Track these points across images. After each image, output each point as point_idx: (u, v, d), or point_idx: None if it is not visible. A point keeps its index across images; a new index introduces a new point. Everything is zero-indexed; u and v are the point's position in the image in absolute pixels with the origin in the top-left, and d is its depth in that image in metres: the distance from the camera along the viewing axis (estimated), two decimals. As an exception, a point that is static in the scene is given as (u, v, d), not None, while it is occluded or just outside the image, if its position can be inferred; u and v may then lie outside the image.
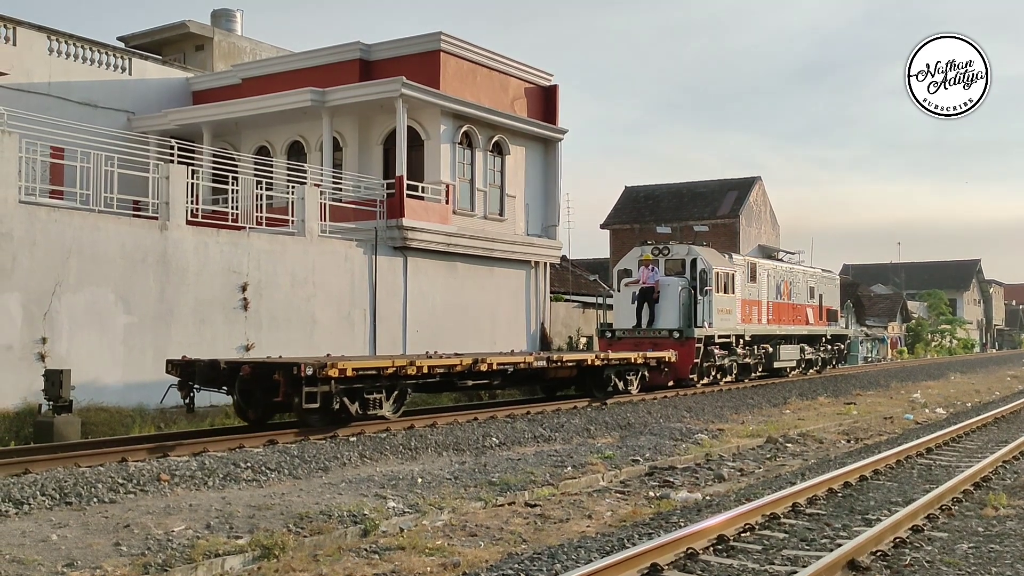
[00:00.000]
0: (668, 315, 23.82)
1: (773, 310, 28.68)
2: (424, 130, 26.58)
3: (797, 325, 30.63)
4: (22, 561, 6.81)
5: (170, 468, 10.72)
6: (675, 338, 23.11)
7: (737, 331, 25.77)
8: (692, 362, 23.15)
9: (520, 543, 8.17)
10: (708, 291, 24.20)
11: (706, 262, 24.53)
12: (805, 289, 31.86)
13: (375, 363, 14.55)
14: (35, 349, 16.34)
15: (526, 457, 12.84)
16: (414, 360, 15.03)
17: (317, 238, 22.24)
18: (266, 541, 7.55)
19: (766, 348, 27.91)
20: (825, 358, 33.71)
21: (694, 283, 24.27)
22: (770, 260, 30.82)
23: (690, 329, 23.47)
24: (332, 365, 13.33)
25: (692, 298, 24.07)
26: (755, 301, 27.41)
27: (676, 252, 25.12)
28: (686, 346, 23.09)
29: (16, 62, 25.58)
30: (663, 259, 24.99)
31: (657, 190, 55.43)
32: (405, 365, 14.68)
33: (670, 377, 22.59)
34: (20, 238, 16.38)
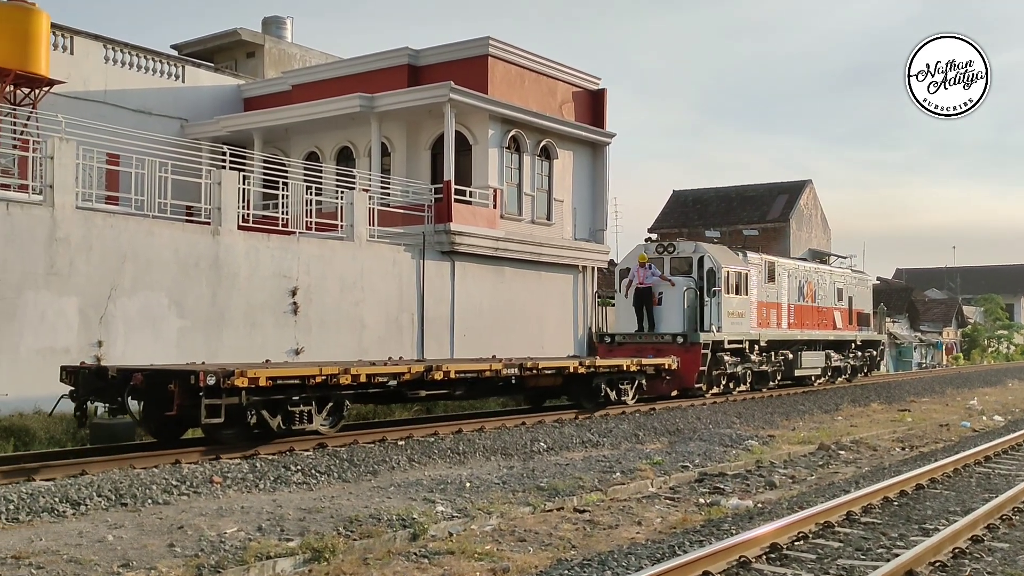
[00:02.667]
0: (671, 318, 22.04)
1: (794, 313, 26.63)
2: (472, 135, 26.65)
3: (823, 329, 28.50)
4: (79, 561, 6.92)
5: (222, 471, 10.85)
6: (679, 343, 21.25)
7: (751, 336, 23.73)
8: (698, 369, 21.33)
9: (569, 549, 8.14)
10: (717, 292, 22.32)
11: (714, 260, 22.60)
12: (832, 291, 29.65)
13: (297, 371, 12.92)
14: (92, 352, 16.63)
15: (574, 462, 12.79)
16: (349, 367, 13.36)
17: (366, 243, 22.39)
18: (317, 544, 7.60)
19: (785, 354, 25.85)
20: (855, 365, 31.43)
21: (701, 283, 22.43)
22: (791, 259, 28.57)
23: (695, 333, 21.61)
24: (240, 373, 11.73)
25: (699, 300, 22.28)
26: (773, 303, 25.45)
27: (682, 250, 23.20)
28: (691, 352, 21.24)
29: (74, 71, 26.13)
30: (668, 257, 23.09)
31: (705, 194, 55.02)
32: (337, 373, 13.04)
33: (674, 386, 21.06)
34: (77, 243, 16.70)
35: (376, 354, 20.20)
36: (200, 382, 11.42)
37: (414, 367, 14.39)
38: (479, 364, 15.87)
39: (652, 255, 22.87)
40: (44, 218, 16.33)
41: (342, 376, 13.05)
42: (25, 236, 16.01)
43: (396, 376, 14.03)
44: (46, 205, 16.48)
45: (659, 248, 23.34)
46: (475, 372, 15.37)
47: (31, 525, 8.31)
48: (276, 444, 12.91)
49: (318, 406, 13.10)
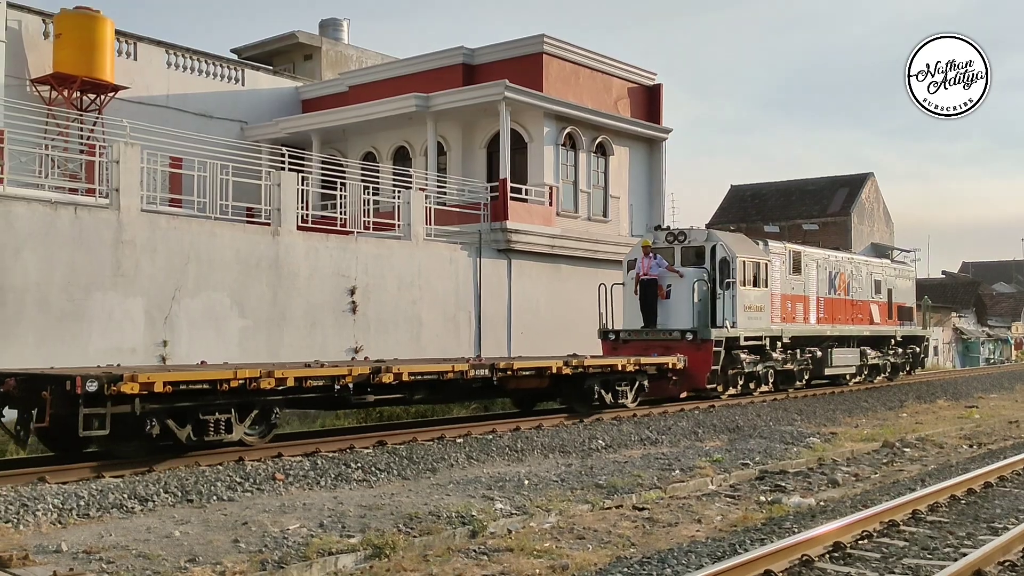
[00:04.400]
0: (680, 313, 20.00)
1: (824, 307, 24.53)
2: (527, 132, 26.67)
3: (857, 324, 26.25)
4: (147, 556, 7.08)
5: (284, 468, 11.01)
6: (688, 340, 19.35)
7: (771, 331, 21.63)
8: (709, 369, 19.44)
9: (629, 547, 8.10)
10: (731, 283, 20.24)
11: (728, 249, 20.50)
12: (868, 283, 27.33)
13: (205, 375, 11.27)
14: (157, 352, 17.00)
15: (633, 460, 12.73)
16: (273, 370, 11.74)
17: (423, 242, 22.54)
18: (377, 540, 7.67)
19: (813, 352, 23.74)
20: (895, 363, 29.04)
21: (714, 274, 20.38)
22: (820, 249, 26.21)
23: (706, 329, 19.63)
24: (131, 378, 10.28)
25: (711, 292, 20.25)
26: (799, 296, 23.37)
27: (694, 238, 21.15)
28: (702, 350, 19.36)
29: (137, 76, 26.72)
30: (678, 247, 21.03)
31: (764, 188, 54.39)
32: (258, 376, 11.44)
33: (683, 387, 19.47)
34: (142, 245, 17.08)
35: (434, 352, 20.34)
36: (77, 389, 10.01)
37: (356, 369, 12.85)
38: (439, 365, 14.29)
39: (661, 245, 21.07)
40: (111, 221, 16.73)
41: (264, 380, 11.49)
42: (93, 239, 16.42)
43: (334, 379, 12.46)
44: (112, 208, 16.88)
45: (668, 237, 21.37)
46: (435, 374, 13.84)
47: (101, 521, 8.52)
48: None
49: (240, 414, 11.62)
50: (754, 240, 22.55)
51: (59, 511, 8.63)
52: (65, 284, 15.98)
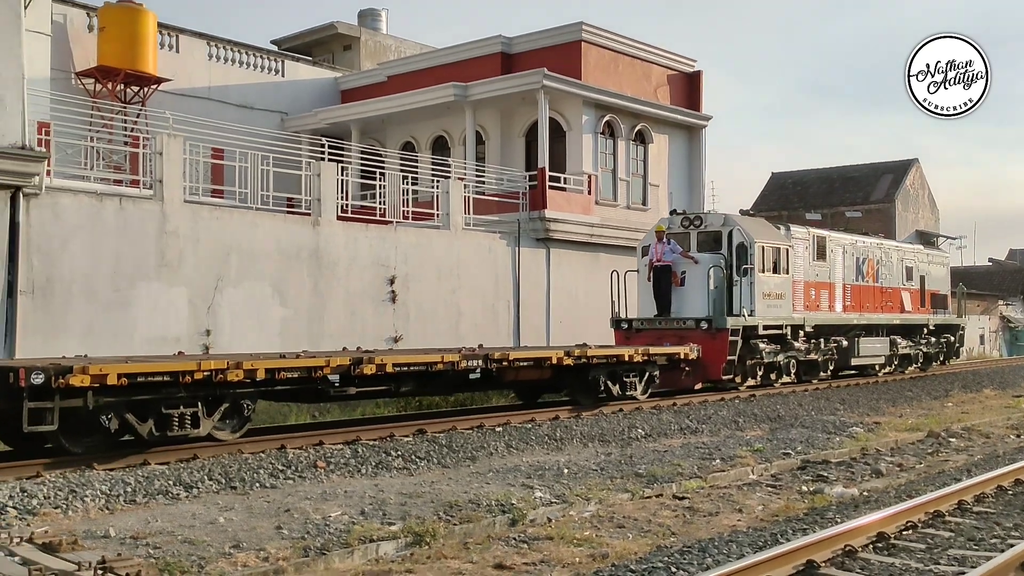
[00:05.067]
0: (694, 301, 19.33)
1: (851, 294, 23.57)
2: (566, 121, 26.60)
3: (886, 312, 25.29)
4: (193, 542, 7.19)
5: (326, 456, 11.11)
6: (702, 329, 18.64)
7: (793, 320, 20.77)
8: (725, 359, 18.74)
9: (669, 536, 8.09)
10: (748, 270, 19.44)
11: (746, 234, 19.67)
12: (899, 270, 26.34)
13: (165, 366, 10.60)
14: (200, 341, 17.23)
15: (673, 449, 12.69)
16: (241, 361, 11.11)
17: (461, 231, 22.60)
18: (418, 528, 7.72)
19: (839, 341, 22.83)
20: (928, 353, 27.83)
21: (732, 260, 19.64)
22: (847, 234, 25.18)
23: (722, 318, 18.84)
24: (81, 370, 9.65)
25: (728, 279, 19.47)
26: (824, 283, 22.46)
27: (710, 222, 20.34)
28: (717, 339, 18.65)
29: (179, 68, 27.02)
30: (694, 232, 20.26)
31: (806, 176, 53.78)
32: (225, 368, 10.82)
33: (697, 378, 18.72)
34: (185, 236, 17.30)
35: (473, 341, 20.36)
36: (21, 382, 9.40)
37: (335, 359, 12.13)
38: (427, 356, 13.60)
39: (677, 230, 20.37)
40: (154, 212, 16.96)
41: (231, 372, 10.87)
42: (137, 229, 16.67)
43: (310, 371, 11.82)
44: (156, 199, 17.11)
45: (684, 221, 20.53)
46: (423, 365, 13.16)
47: (147, 507, 8.67)
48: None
49: (208, 408, 11.04)
50: (775, 225, 21.79)
51: (107, 497, 8.79)
52: (111, 274, 16.25)
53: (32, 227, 15.35)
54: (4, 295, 14.98)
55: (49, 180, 16.00)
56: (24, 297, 15.16)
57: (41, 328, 15.32)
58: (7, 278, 15.02)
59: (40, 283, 15.40)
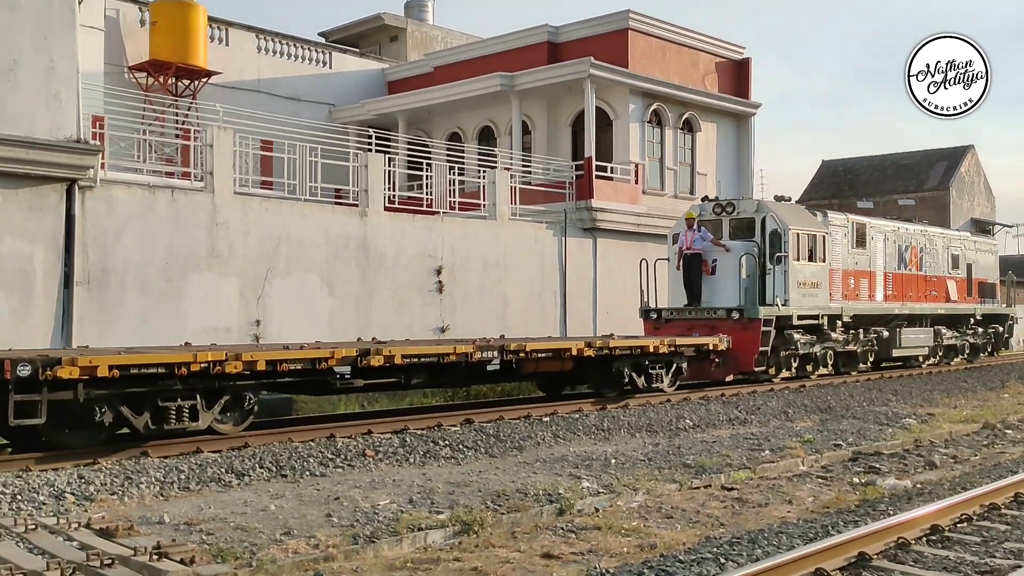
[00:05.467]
0: (726, 290, 18.78)
1: (892, 283, 22.86)
2: (613, 110, 26.47)
3: (930, 302, 24.51)
4: (245, 528, 7.30)
5: (374, 444, 11.20)
6: (734, 319, 18.15)
7: (830, 310, 20.20)
8: (757, 350, 18.22)
9: (718, 526, 8.04)
10: (782, 258, 18.87)
11: (779, 221, 19.09)
12: (945, 258, 25.55)
13: (157, 358, 10.24)
14: (250, 331, 17.46)
15: (721, 440, 12.60)
16: (241, 353, 10.77)
17: (508, 221, 22.61)
18: (466, 517, 7.76)
19: (879, 332, 22.10)
20: (975, 343, 26.77)
21: (765, 248, 19.06)
22: (889, 220, 24.48)
23: (754, 308, 18.34)
24: (69, 362, 9.33)
25: (760, 268, 18.94)
26: (864, 272, 21.73)
27: (742, 209, 19.74)
28: (749, 330, 18.12)
29: (229, 61, 27.34)
30: (727, 219, 19.67)
31: (857, 163, 52.94)
32: (223, 360, 10.48)
33: (729, 370, 18.28)
34: (236, 227, 17.52)
35: (519, 331, 20.41)
36: (6, 374, 9.05)
37: (340, 351, 11.72)
38: (438, 347, 13.00)
39: (708, 217, 19.81)
40: (205, 203, 17.21)
41: (230, 363, 10.50)
42: (189, 221, 16.92)
43: (314, 363, 11.43)
44: (207, 191, 17.36)
45: (716, 208, 19.91)
46: (434, 356, 12.65)
47: (200, 494, 8.81)
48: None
49: (207, 400, 10.72)
50: (812, 212, 21.16)
51: (161, 484, 8.96)
52: (163, 265, 16.52)
53: (87, 219, 15.65)
54: (61, 286, 15.30)
55: (103, 173, 16.30)
56: (80, 288, 15.47)
57: (97, 318, 15.64)
58: (64, 269, 15.34)
59: (95, 274, 15.71)
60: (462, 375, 13.99)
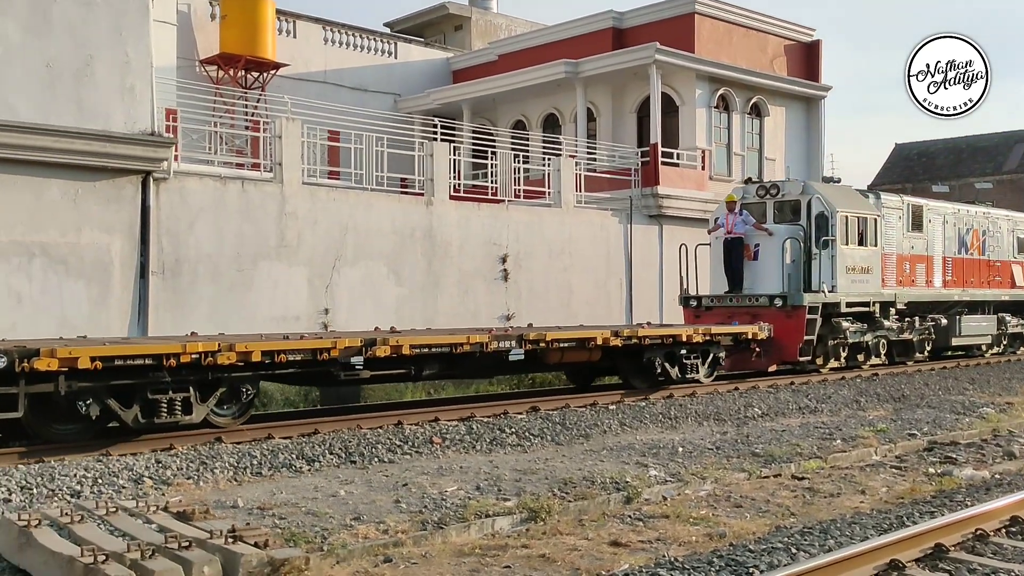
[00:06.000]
0: (769, 276, 17.97)
1: (952, 268, 21.79)
2: (679, 95, 26.20)
3: (994, 288, 23.27)
4: (316, 513, 7.42)
5: (441, 432, 11.29)
6: (776, 306, 17.40)
7: (882, 296, 19.23)
8: (801, 339, 17.43)
9: (788, 516, 7.93)
10: (829, 242, 18.05)
11: (826, 203, 18.24)
12: (1009, 241, 24.19)
13: (142, 349, 9.80)
14: (319, 319, 17.72)
15: (791, 429, 12.42)
16: (233, 343, 10.30)
17: (573, 209, 22.56)
18: (533, 504, 7.77)
19: (937, 319, 21.14)
20: None
21: (810, 232, 18.26)
22: (949, 203, 23.41)
23: (798, 294, 17.59)
24: (48, 353, 8.99)
25: (806, 252, 18.16)
26: (920, 256, 20.76)
27: (788, 191, 18.81)
28: (793, 318, 17.37)
29: (296, 53, 27.68)
30: (771, 202, 18.84)
31: (932, 146, 51.62)
32: (215, 351, 10.04)
33: (773, 359, 17.51)
34: (304, 217, 17.78)
35: (585, 319, 20.35)
36: None
37: (343, 341, 11.20)
38: (451, 337, 12.39)
39: (752, 200, 18.93)
40: (275, 194, 17.48)
41: (222, 355, 10.07)
42: (259, 211, 17.21)
43: (315, 353, 10.95)
44: (276, 182, 17.63)
45: (760, 190, 19.05)
46: (447, 347, 12.11)
47: (272, 479, 8.98)
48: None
49: (201, 392, 10.33)
50: (863, 193, 20.09)
51: (234, 469, 9.14)
52: (234, 255, 16.84)
53: (161, 210, 16.03)
54: (137, 275, 15.70)
55: (177, 165, 16.64)
56: (155, 277, 15.86)
57: (171, 307, 16.02)
58: (139, 259, 15.74)
59: (169, 264, 16.08)
60: (481, 366, 13.49)
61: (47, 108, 14.78)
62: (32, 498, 7.96)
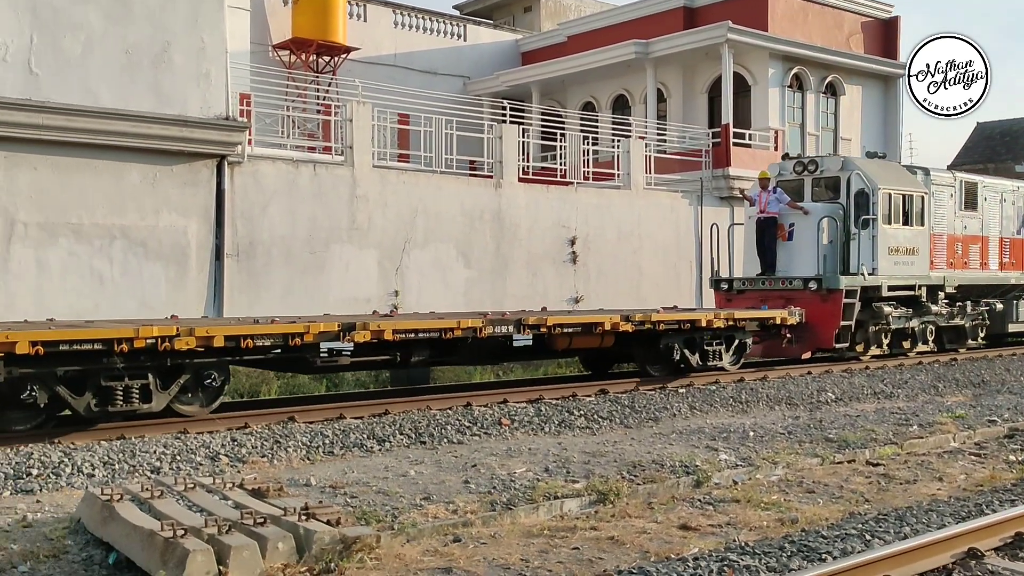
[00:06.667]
0: (804, 258, 17.13)
1: (1010, 249, 20.51)
2: (751, 75, 25.78)
3: None
4: (386, 493, 7.52)
5: (510, 413, 11.34)
6: (811, 290, 16.50)
7: (929, 279, 18.15)
8: (837, 324, 16.52)
9: (862, 503, 7.80)
10: (870, 221, 17.09)
11: (867, 179, 17.23)
12: None
13: (90, 333, 9.16)
14: (389, 301, 17.90)
15: (865, 414, 12.20)
16: (193, 328, 9.66)
17: (643, 191, 22.39)
18: (601, 487, 7.77)
19: (991, 304, 19.82)
20: None
21: (850, 210, 17.32)
22: (1006, 179, 21.90)
23: (834, 277, 16.65)
24: None
25: (845, 232, 17.28)
26: (974, 237, 19.64)
27: (827, 167, 17.82)
28: (828, 302, 16.47)
29: (367, 37, 27.89)
30: (809, 178, 17.90)
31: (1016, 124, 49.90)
32: (173, 335, 9.41)
33: (807, 346, 16.67)
34: (374, 200, 17.95)
35: (654, 302, 20.20)
36: None
37: (318, 325, 10.50)
38: (440, 322, 11.59)
39: (789, 177, 18.07)
40: (346, 177, 17.68)
41: (181, 339, 9.45)
42: (330, 194, 17.43)
43: (286, 338, 10.28)
44: (347, 165, 17.83)
45: (797, 167, 18.09)
46: (435, 331, 11.35)
47: (344, 459, 9.12)
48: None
49: (162, 380, 9.79)
50: (911, 170, 18.91)
51: (307, 448, 9.32)
52: (307, 238, 17.09)
53: (236, 193, 16.33)
54: (212, 258, 16.05)
55: (250, 149, 16.95)
56: (230, 260, 16.20)
57: (245, 289, 16.35)
58: (215, 242, 16.08)
59: (244, 246, 16.40)
60: (480, 353, 12.83)
61: (126, 94, 15.15)
62: (114, 473, 8.22)
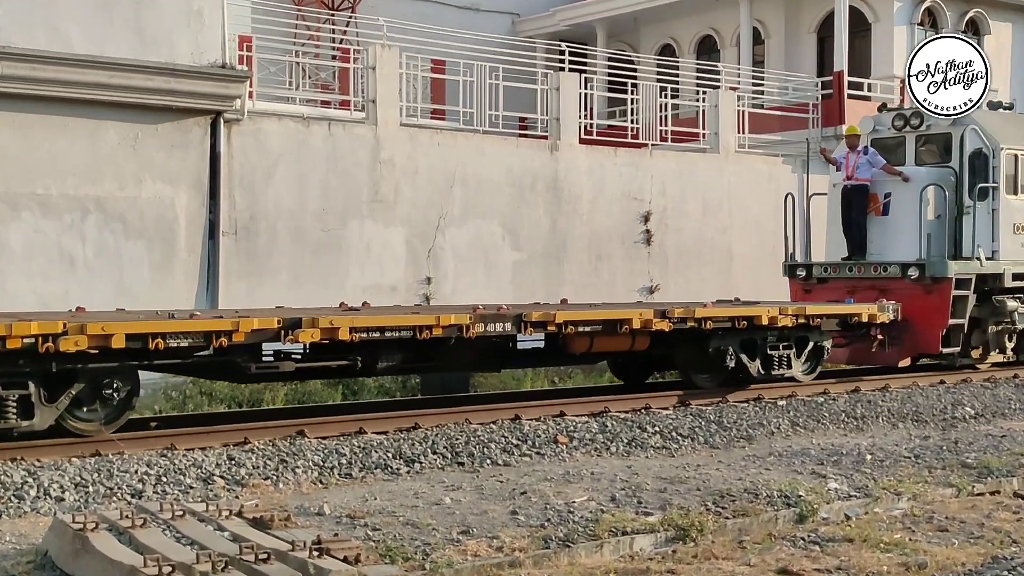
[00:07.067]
0: (902, 237, 16.43)
1: None
2: (872, 10, 25.52)
3: None
4: (416, 524, 7.57)
5: (568, 429, 11.36)
6: (911, 278, 15.75)
7: None
8: (944, 323, 15.76)
9: (1008, 544, 7.72)
10: (989, 191, 16.44)
11: (986, 137, 16.56)
12: None
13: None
14: (419, 290, 17.97)
15: (1012, 433, 12.10)
16: (85, 324, 9.09)
17: (734, 154, 22.24)
18: (681, 520, 7.76)
19: None
20: None
21: (962, 177, 16.47)
22: None
23: (941, 262, 15.85)
24: None
25: (957, 205, 16.48)
26: None
27: (935, 123, 17.09)
28: (934, 294, 15.74)
29: (396, -34, 27.95)
30: (912, 135, 17.30)
31: None
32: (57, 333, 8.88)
33: (905, 351, 16.09)
34: (402, 165, 18.00)
35: (747, 291, 20.04)
36: None
37: (251, 323, 9.86)
38: (415, 318, 10.99)
39: (887, 135, 17.51)
40: (367, 138, 17.76)
41: (68, 339, 8.91)
42: (348, 159, 17.51)
43: (208, 338, 9.70)
44: (369, 123, 17.89)
45: (897, 120, 17.48)
46: (407, 330, 10.73)
47: (364, 482, 9.21)
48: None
49: (48, 390, 9.34)
50: None
51: (320, 469, 9.41)
52: (319, 211, 17.17)
53: (233, 158, 16.45)
54: (205, 236, 16.17)
55: (251, 103, 17.01)
56: (226, 238, 16.31)
57: (245, 273, 16.45)
58: (208, 216, 16.19)
59: (243, 222, 16.52)
60: (470, 357, 12.27)
61: (103, 37, 15.31)
62: (88, 497, 8.38)
